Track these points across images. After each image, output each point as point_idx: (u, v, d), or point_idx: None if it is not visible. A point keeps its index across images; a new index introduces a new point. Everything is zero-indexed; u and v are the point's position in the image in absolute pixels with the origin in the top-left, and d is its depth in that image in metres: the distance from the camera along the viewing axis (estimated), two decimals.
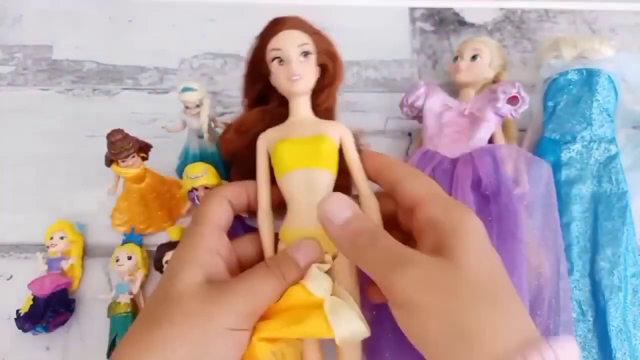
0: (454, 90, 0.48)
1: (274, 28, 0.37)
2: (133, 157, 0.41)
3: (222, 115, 0.52)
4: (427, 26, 0.57)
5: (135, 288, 0.42)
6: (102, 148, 0.40)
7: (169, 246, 0.43)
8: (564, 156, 0.43)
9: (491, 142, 0.44)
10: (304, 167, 0.34)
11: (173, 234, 0.44)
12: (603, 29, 0.56)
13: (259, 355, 0.30)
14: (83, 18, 0.57)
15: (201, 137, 0.44)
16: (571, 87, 0.45)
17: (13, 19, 0.58)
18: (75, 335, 0.42)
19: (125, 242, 0.44)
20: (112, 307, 0.41)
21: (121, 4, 0.58)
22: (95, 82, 0.54)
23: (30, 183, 0.49)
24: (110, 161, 0.41)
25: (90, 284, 0.44)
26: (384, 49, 0.55)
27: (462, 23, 0.57)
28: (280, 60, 0.36)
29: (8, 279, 0.45)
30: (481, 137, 0.43)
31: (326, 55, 0.38)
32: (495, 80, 0.48)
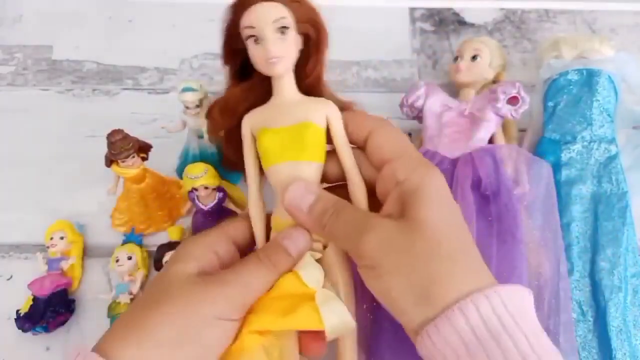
0: (454, 90, 0.48)
1: (246, 1, 0.32)
2: (133, 157, 0.41)
3: None
4: (427, 26, 0.57)
5: (135, 288, 0.42)
6: (102, 148, 0.40)
7: (169, 246, 0.43)
8: (564, 156, 0.43)
9: (491, 142, 0.44)
10: (289, 161, 0.33)
11: (173, 234, 0.44)
12: (603, 29, 0.56)
13: (249, 347, 0.30)
14: (83, 18, 0.57)
15: (201, 137, 0.44)
16: (571, 87, 0.45)
17: (13, 19, 0.58)
18: (75, 335, 0.42)
19: (125, 242, 0.44)
20: (112, 307, 0.41)
21: (121, 4, 0.58)
22: (95, 82, 0.54)
23: (30, 183, 0.49)
24: (110, 161, 0.41)
25: (90, 284, 0.44)
26: (384, 49, 0.55)
27: (462, 23, 0.57)
28: (255, 38, 0.32)
29: (8, 279, 0.45)
30: (481, 137, 0.43)
31: (308, 23, 0.33)
32: (495, 80, 0.48)
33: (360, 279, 0.35)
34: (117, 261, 0.42)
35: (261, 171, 0.35)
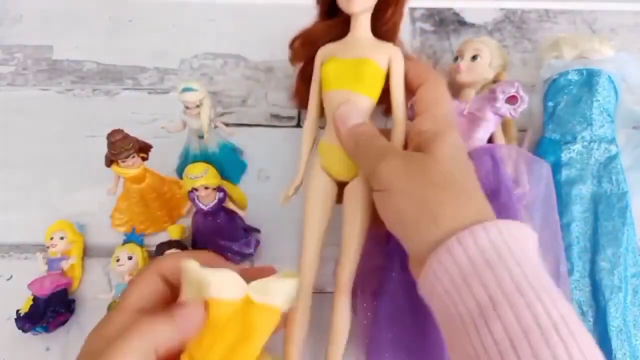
0: (454, 90, 0.48)
1: None
2: (133, 158, 0.41)
3: (222, 115, 0.52)
4: (427, 26, 0.57)
5: None
6: (102, 148, 0.40)
7: (169, 245, 0.43)
8: (564, 156, 0.43)
9: (491, 142, 0.44)
10: (344, 89, 0.36)
11: (173, 233, 0.44)
12: (603, 29, 0.56)
13: None
14: (83, 18, 0.57)
15: (201, 137, 0.44)
16: (571, 87, 0.45)
17: (13, 19, 0.58)
18: (75, 335, 0.42)
19: (126, 242, 0.44)
20: (112, 307, 0.41)
21: (121, 4, 0.58)
22: (95, 82, 0.54)
23: (30, 183, 0.49)
24: (110, 161, 0.41)
25: (90, 284, 0.44)
26: None
27: (462, 23, 0.57)
28: None
29: (8, 279, 0.45)
30: (480, 137, 0.43)
31: None
32: (495, 80, 0.48)
33: (361, 284, 0.36)
34: (118, 261, 0.42)
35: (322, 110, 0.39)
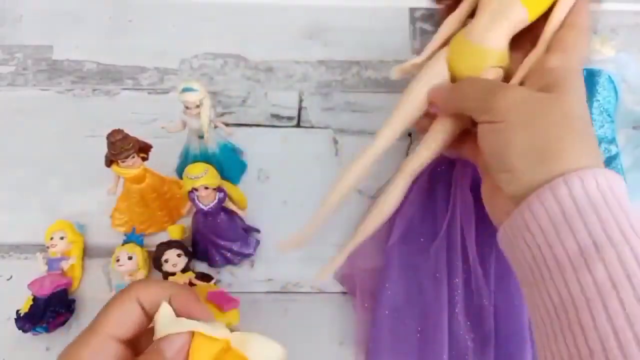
0: None
1: None
2: (133, 158, 0.41)
3: (222, 115, 0.52)
4: (428, 26, 0.57)
5: None
6: (102, 148, 0.40)
7: (168, 245, 0.43)
8: None
9: None
10: None
11: (173, 233, 0.44)
12: (603, 29, 0.56)
13: None
14: (83, 18, 0.57)
15: (201, 137, 0.44)
16: None
17: (13, 19, 0.58)
18: (75, 335, 0.42)
19: (126, 242, 0.44)
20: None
21: (121, 4, 0.58)
22: (95, 82, 0.54)
23: (30, 183, 0.49)
24: (110, 161, 0.41)
25: (90, 284, 0.44)
26: (384, 49, 0.55)
27: (463, 23, 0.57)
28: None
29: (8, 279, 0.45)
30: None
31: None
32: None
33: (360, 284, 0.35)
34: (118, 261, 0.42)
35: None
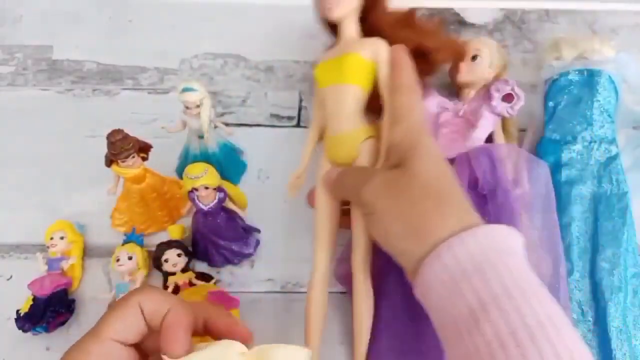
0: (454, 90, 0.48)
1: None
2: (133, 158, 0.41)
3: (222, 115, 0.52)
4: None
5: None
6: (102, 148, 0.40)
7: (168, 245, 0.43)
8: (565, 156, 0.43)
9: (491, 141, 0.44)
10: (332, 84, 0.39)
11: (173, 233, 0.44)
12: (603, 29, 0.56)
13: None
14: (83, 18, 0.57)
15: (201, 137, 0.44)
16: (572, 88, 0.45)
17: (13, 19, 0.58)
18: (75, 335, 0.42)
19: (126, 242, 0.44)
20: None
21: (121, 4, 0.58)
22: (95, 82, 0.54)
23: (30, 183, 0.49)
24: (110, 161, 0.41)
25: (90, 284, 0.44)
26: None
27: (463, 23, 0.57)
28: None
29: (8, 279, 0.45)
30: (478, 137, 0.43)
31: None
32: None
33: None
34: (118, 261, 0.42)
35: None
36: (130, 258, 0.42)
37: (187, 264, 0.43)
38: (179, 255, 0.42)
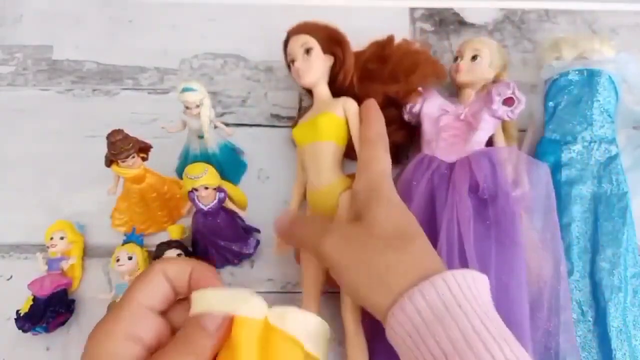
0: (454, 90, 0.48)
1: (286, 40, 0.46)
2: (133, 158, 0.41)
3: (222, 115, 0.52)
4: (428, 26, 0.57)
5: None
6: (102, 148, 0.40)
7: (168, 244, 0.43)
8: (565, 156, 0.43)
9: (491, 144, 0.44)
10: (309, 143, 0.42)
11: (173, 233, 0.44)
12: (603, 29, 0.56)
13: None
14: (83, 18, 0.57)
15: (201, 138, 0.44)
16: (572, 88, 0.45)
17: (13, 19, 0.58)
18: (75, 335, 0.42)
19: (126, 242, 0.44)
20: (112, 308, 0.41)
21: (121, 4, 0.58)
22: (95, 82, 0.54)
23: (30, 183, 0.49)
24: (110, 161, 0.41)
25: (90, 284, 0.44)
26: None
27: (463, 23, 0.57)
28: (292, 61, 0.44)
29: (8, 279, 0.45)
30: (478, 140, 0.43)
31: (330, 42, 0.44)
32: (495, 80, 0.48)
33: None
34: (118, 261, 0.42)
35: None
36: (130, 258, 0.42)
37: None
38: (179, 255, 0.42)
